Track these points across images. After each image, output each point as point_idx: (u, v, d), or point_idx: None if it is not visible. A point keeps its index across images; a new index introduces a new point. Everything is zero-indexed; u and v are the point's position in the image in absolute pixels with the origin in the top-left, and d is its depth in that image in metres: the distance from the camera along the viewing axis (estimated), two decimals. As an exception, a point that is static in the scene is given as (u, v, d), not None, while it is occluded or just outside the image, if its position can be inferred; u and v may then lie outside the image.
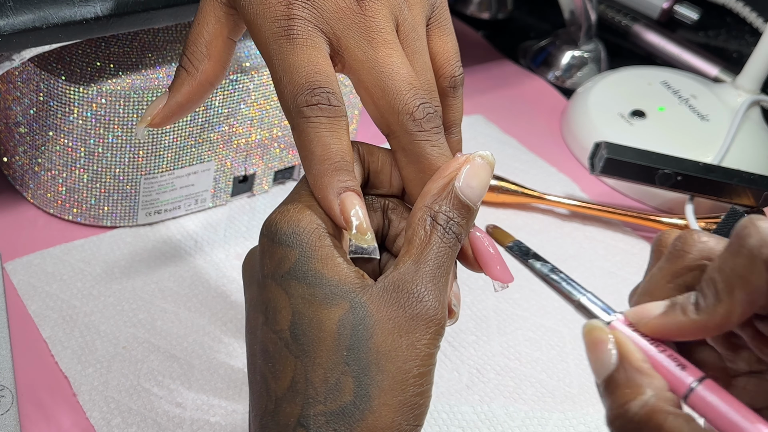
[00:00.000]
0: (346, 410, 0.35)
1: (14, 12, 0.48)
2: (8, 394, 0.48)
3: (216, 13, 0.42)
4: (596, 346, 0.33)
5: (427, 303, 0.36)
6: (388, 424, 0.35)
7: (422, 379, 0.36)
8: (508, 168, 0.75)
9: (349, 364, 0.35)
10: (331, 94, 0.38)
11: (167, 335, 0.55)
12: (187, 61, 0.42)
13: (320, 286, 0.36)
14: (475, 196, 0.38)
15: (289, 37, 0.38)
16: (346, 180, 0.37)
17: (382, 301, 0.35)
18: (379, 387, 0.35)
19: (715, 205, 0.71)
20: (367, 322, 0.35)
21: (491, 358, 0.58)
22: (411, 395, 0.35)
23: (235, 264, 0.61)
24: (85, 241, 0.60)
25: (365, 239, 0.37)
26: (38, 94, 0.56)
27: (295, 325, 0.36)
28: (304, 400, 0.35)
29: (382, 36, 0.39)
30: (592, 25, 0.88)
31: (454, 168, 0.38)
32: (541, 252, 0.39)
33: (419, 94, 0.39)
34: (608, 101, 0.80)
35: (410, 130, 0.39)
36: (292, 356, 0.36)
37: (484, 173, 0.38)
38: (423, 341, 0.35)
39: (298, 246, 0.36)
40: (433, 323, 0.36)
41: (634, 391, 0.32)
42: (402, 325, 0.35)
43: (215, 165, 0.62)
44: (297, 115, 0.38)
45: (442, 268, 0.37)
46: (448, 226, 0.37)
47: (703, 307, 0.32)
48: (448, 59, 0.42)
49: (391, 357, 0.35)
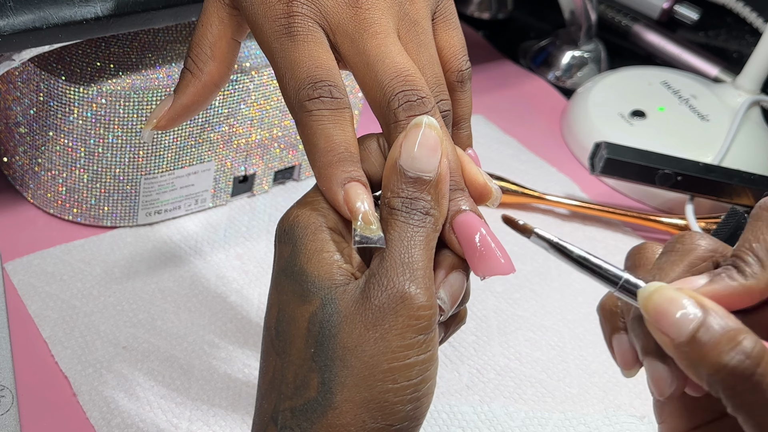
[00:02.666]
0: (309, 406, 0.35)
1: (14, 12, 0.48)
2: (8, 394, 0.48)
3: (219, 15, 0.42)
4: (671, 304, 0.30)
5: (392, 290, 0.34)
6: (349, 421, 0.34)
7: (394, 374, 0.34)
8: (508, 168, 0.75)
9: (315, 360, 0.35)
10: (333, 86, 0.37)
11: (167, 335, 0.55)
12: (192, 62, 0.42)
13: (301, 282, 0.35)
14: (424, 165, 0.35)
15: (290, 34, 0.38)
16: (351, 170, 0.36)
17: (353, 296, 0.35)
18: (342, 383, 0.34)
19: (715, 205, 0.71)
20: (334, 318, 0.35)
21: (491, 358, 0.58)
22: (378, 392, 0.34)
23: (235, 264, 0.61)
24: (85, 241, 0.60)
25: (371, 229, 0.35)
26: (38, 94, 0.56)
27: (279, 322, 0.36)
28: (277, 396, 0.36)
29: (373, 27, 0.38)
30: (592, 25, 0.88)
31: (395, 149, 0.36)
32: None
33: (403, 82, 0.37)
34: (608, 101, 0.80)
35: (387, 122, 0.38)
36: (275, 353, 0.36)
37: (426, 139, 0.36)
38: (393, 332, 0.34)
39: (291, 242, 0.36)
40: (402, 310, 0.34)
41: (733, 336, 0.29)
42: (369, 318, 0.34)
43: (215, 165, 0.62)
44: (300, 109, 0.37)
45: (414, 249, 0.35)
46: (407, 206, 0.35)
47: (750, 273, 0.32)
48: (455, 53, 0.42)
49: (356, 352, 0.34)
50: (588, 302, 0.64)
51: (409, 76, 0.37)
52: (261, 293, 0.59)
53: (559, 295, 0.64)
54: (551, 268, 0.66)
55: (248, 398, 0.52)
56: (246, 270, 0.61)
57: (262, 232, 0.64)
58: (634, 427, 0.54)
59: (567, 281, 0.65)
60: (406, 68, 0.38)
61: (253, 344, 0.55)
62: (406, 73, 0.37)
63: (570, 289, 0.65)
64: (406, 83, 0.37)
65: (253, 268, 0.61)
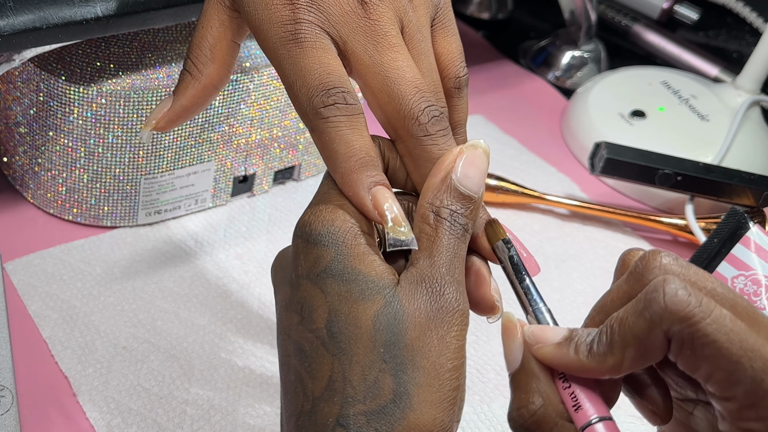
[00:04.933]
0: (387, 409, 0.34)
1: (14, 12, 0.48)
2: (8, 394, 0.48)
3: (220, 17, 0.42)
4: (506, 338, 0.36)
5: (449, 295, 0.36)
6: (430, 421, 0.34)
7: (456, 372, 0.35)
8: (508, 168, 0.75)
9: (386, 361, 0.35)
10: (347, 93, 0.38)
11: (167, 335, 0.55)
12: (191, 64, 0.42)
13: (356, 282, 0.36)
14: (474, 186, 0.38)
15: (297, 40, 0.38)
16: (375, 175, 0.37)
17: (412, 295, 0.36)
18: (416, 384, 0.35)
19: (715, 205, 0.71)
20: (401, 316, 0.35)
21: (491, 358, 0.58)
22: (448, 390, 0.35)
23: (235, 264, 0.61)
24: (85, 241, 0.60)
25: (402, 231, 0.37)
26: (38, 94, 0.56)
27: (332, 322, 0.36)
28: (342, 399, 0.35)
29: (387, 39, 0.39)
30: (592, 25, 0.88)
31: (449, 161, 0.38)
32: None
33: (425, 97, 0.39)
34: (608, 101, 0.80)
35: (416, 135, 0.39)
36: (329, 355, 0.35)
37: (480, 161, 0.38)
38: (452, 334, 0.35)
39: (333, 245, 0.36)
40: (457, 315, 0.36)
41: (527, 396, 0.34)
42: (431, 318, 0.35)
43: (215, 165, 0.62)
44: (315, 117, 0.38)
45: (456, 259, 0.37)
46: (453, 219, 0.37)
47: (595, 352, 0.33)
48: (453, 60, 0.42)
49: (424, 352, 0.35)
50: (588, 302, 0.63)
51: (427, 91, 0.39)
52: (261, 293, 0.59)
53: (559, 295, 0.64)
54: (551, 268, 0.66)
55: (248, 398, 0.52)
56: (246, 270, 0.61)
57: (262, 232, 0.64)
58: (634, 427, 0.54)
59: (567, 281, 0.65)
60: (424, 83, 0.39)
61: (253, 344, 0.55)
62: (425, 88, 0.39)
63: (570, 289, 0.65)
64: (429, 98, 0.39)
65: (253, 268, 0.61)
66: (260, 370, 0.54)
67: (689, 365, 0.32)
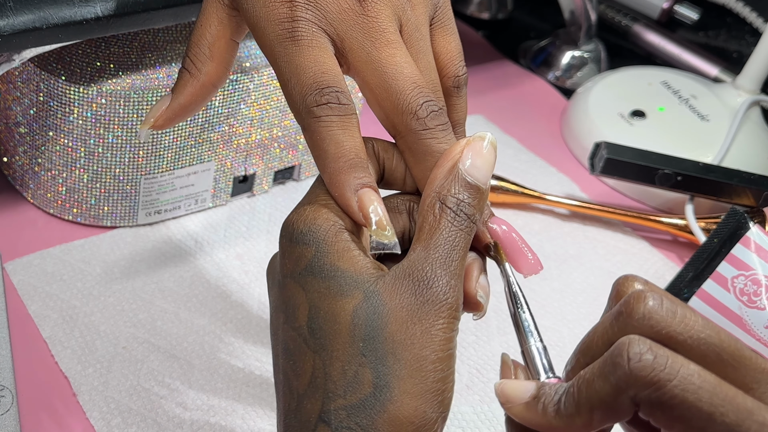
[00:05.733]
0: (367, 402, 0.34)
1: (14, 12, 0.48)
2: (8, 394, 0.48)
3: (219, 15, 0.42)
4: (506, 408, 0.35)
5: (437, 288, 0.35)
6: (411, 412, 0.34)
7: (441, 364, 0.35)
8: (508, 168, 0.75)
9: (365, 355, 0.35)
10: (340, 92, 0.38)
11: (167, 335, 0.55)
12: (190, 62, 0.42)
13: (335, 278, 0.36)
14: (482, 176, 0.37)
15: (293, 38, 0.38)
16: (362, 177, 0.37)
17: (395, 289, 0.35)
18: (397, 376, 0.34)
19: (715, 205, 0.71)
20: (380, 311, 0.35)
21: (491, 358, 0.58)
22: (432, 381, 0.35)
23: (235, 264, 0.61)
24: (85, 241, 0.60)
25: (385, 234, 0.37)
26: (38, 94, 0.56)
27: (312, 319, 0.36)
28: (324, 395, 0.35)
29: (384, 36, 0.39)
30: (592, 25, 0.88)
31: (457, 151, 0.38)
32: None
33: (423, 93, 0.39)
34: (608, 101, 0.80)
35: (415, 129, 0.38)
36: (311, 351, 0.36)
37: (488, 152, 0.38)
38: (437, 326, 0.35)
39: (314, 243, 0.36)
40: (445, 307, 0.35)
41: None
42: (415, 311, 0.35)
43: (215, 165, 0.62)
44: (307, 115, 0.38)
45: (455, 251, 0.36)
46: (459, 208, 0.37)
47: (563, 413, 0.33)
48: (452, 59, 0.42)
49: (406, 345, 0.35)
50: (588, 302, 0.64)
51: (425, 87, 0.39)
52: (261, 293, 0.59)
53: (559, 295, 0.64)
54: (551, 268, 0.66)
55: (248, 398, 0.52)
56: (246, 270, 0.61)
57: (262, 232, 0.64)
58: None
59: (567, 281, 0.65)
60: (422, 79, 0.39)
61: (253, 344, 0.55)
62: (423, 84, 0.39)
63: (570, 289, 0.65)
64: (428, 94, 0.39)
65: (253, 268, 0.61)
66: (260, 370, 0.54)
67: (662, 424, 0.31)
